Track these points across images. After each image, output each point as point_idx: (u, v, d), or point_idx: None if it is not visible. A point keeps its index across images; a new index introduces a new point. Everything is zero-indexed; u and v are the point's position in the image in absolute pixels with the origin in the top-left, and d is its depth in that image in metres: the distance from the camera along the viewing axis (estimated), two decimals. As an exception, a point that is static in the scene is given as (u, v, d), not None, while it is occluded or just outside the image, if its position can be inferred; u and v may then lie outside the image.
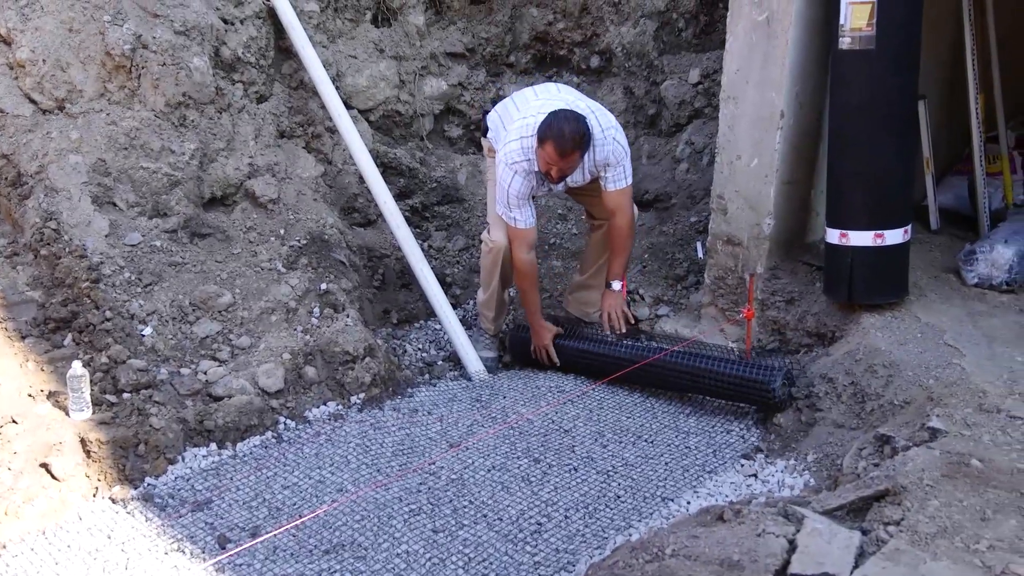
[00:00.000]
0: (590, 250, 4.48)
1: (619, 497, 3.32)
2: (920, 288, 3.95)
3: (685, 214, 4.90)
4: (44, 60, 4.19)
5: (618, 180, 4.11)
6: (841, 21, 3.54)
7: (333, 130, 4.80)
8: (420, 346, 4.67)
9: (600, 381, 4.07)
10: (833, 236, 3.73)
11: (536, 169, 4.00)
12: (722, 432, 3.77)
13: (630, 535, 3.05)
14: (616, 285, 4.23)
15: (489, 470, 3.49)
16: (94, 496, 3.22)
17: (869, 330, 3.68)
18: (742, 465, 3.52)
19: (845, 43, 3.54)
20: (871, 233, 3.64)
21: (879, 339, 3.60)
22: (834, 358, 3.68)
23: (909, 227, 3.71)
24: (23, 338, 3.69)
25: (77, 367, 3.36)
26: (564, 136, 3.81)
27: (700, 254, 4.49)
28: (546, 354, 4.28)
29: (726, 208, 4.12)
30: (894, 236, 3.65)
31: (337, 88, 4.91)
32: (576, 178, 4.13)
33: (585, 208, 4.54)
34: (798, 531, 2.46)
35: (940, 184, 4.75)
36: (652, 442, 3.71)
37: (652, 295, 4.60)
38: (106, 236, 3.98)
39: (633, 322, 4.34)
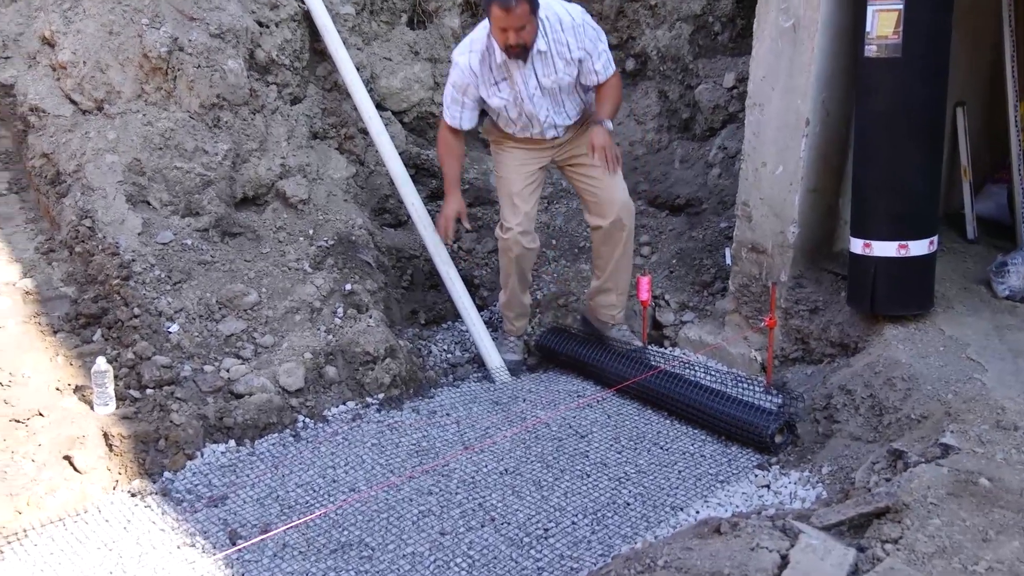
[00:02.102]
0: (596, 253, 4.36)
1: (628, 505, 3.32)
2: (948, 299, 3.87)
3: (715, 220, 4.86)
4: (84, 62, 4.32)
5: (608, 67, 4.03)
6: (867, 28, 3.48)
7: (366, 131, 4.86)
8: (445, 347, 4.70)
9: (614, 388, 4.06)
10: (857, 246, 3.68)
11: (488, 54, 3.92)
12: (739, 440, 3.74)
13: (635, 543, 3.05)
14: (608, 125, 4.01)
15: (501, 474, 3.51)
16: (114, 489, 3.31)
17: (891, 342, 3.62)
18: (755, 475, 3.49)
19: (871, 51, 3.49)
20: (895, 244, 3.58)
21: (900, 351, 3.55)
22: (854, 369, 3.63)
23: (935, 238, 3.64)
24: (55, 332, 3.80)
25: (101, 363, 3.45)
26: None
27: (728, 261, 4.45)
28: (444, 228, 4.25)
29: (751, 215, 4.08)
30: (919, 247, 3.59)
31: (371, 90, 4.98)
32: (554, 69, 3.93)
33: (584, 206, 4.36)
34: (792, 546, 2.44)
35: (979, 193, 4.65)
36: (667, 449, 3.70)
37: (677, 301, 4.58)
38: (139, 234, 4.08)
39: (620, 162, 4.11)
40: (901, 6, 3.38)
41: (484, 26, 3.91)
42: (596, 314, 4.45)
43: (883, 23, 3.43)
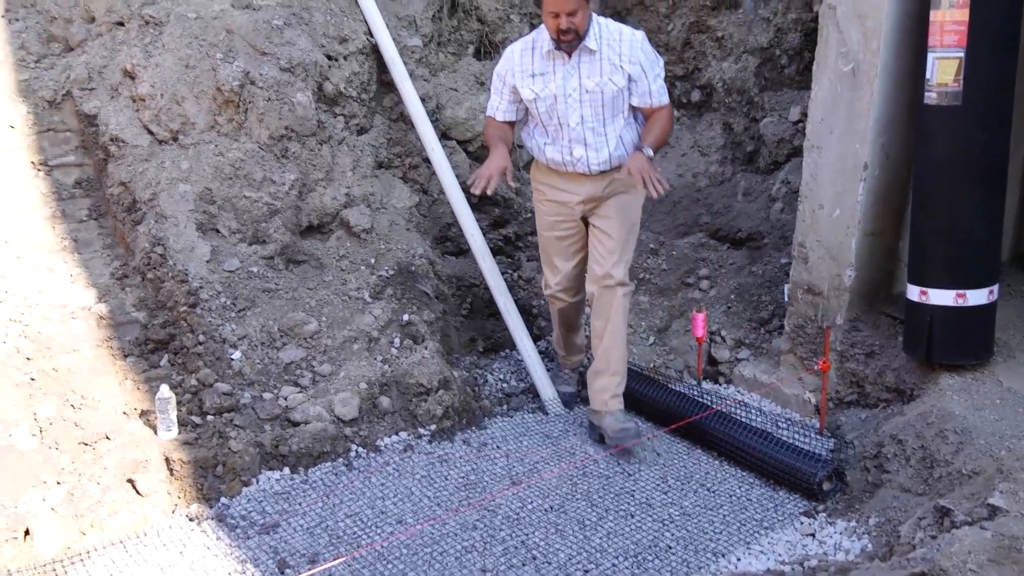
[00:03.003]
0: (592, 331, 4.08)
1: (670, 548, 3.34)
2: (1009, 349, 3.79)
3: (776, 255, 4.83)
4: (162, 94, 4.50)
5: (662, 94, 3.86)
6: (927, 75, 3.44)
7: (430, 160, 4.96)
8: (502, 376, 4.76)
9: (665, 428, 4.06)
10: (913, 292, 3.63)
11: (535, 46, 3.81)
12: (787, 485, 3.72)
13: (672, 590, 3.07)
14: (648, 151, 3.71)
15: (546, 511, 3.55)
16: (172, 513, 3.45)
17: (945, 392, 3.57)
18: (801, 523, 3.47)
19: (931, 98, 3.44)
20: (952, 292, 3.53)
21: (955, 402, 3.49)
22: (907, 418, 3.58)
23: (995, 287, 3.57)
24: (125, 357, 3.97)
25: (164, 390, 3.61)
26: None
27: (785, 298, 4.43)
28: (483, 178, 3.73)
29: (807, 257, 4.05)
30: (977, 296, 3.52)
31: (436, 120, 5.07)
32: (600, 70, 3.74)
33: (587, 273, 4.08)
34: (822, 610, 2.44)
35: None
36: (714, 491, 3.70)
37: (734, 338, 4.56)
38: (207, 261, 4.24)
39: (667, 186, 3.71)
40: (962, 54, 3.33)
41: (541, 26, 3.83)
42: (592, 403, 4.11)
43: (943, 71, 3.38)
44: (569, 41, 3.69)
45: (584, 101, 3.81)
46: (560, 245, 4.13)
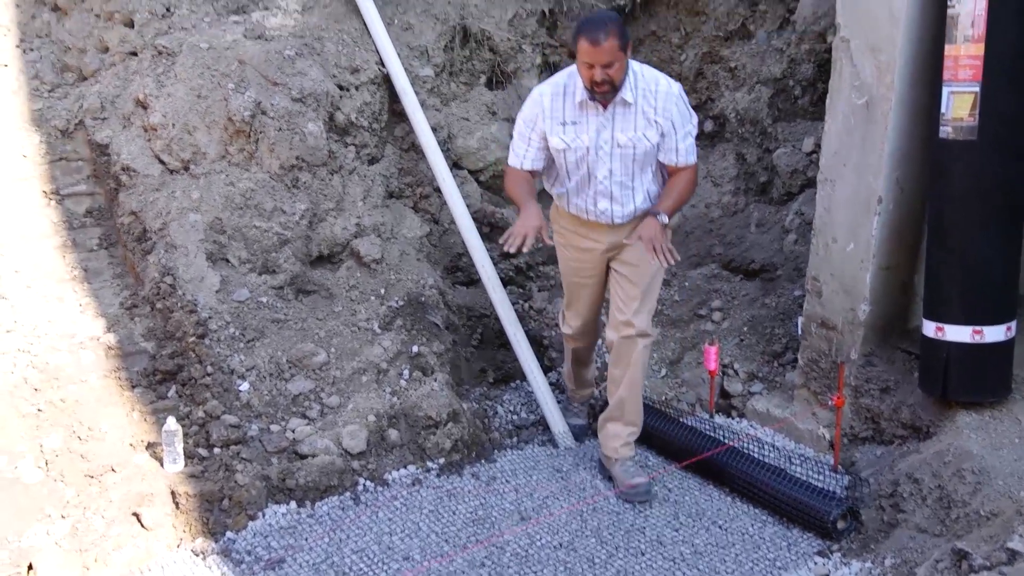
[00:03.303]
0: (609, 377, 3.95)
1: (682, 588, 3.28)
2: (1028, 385, 3.73)
3: (789, 287, 4.78)
4: (173, 124, 4.51)
5: (690, 154, 3.68)
6: (942, 110, 3.40)
7: (440, 190, 4.94)
8: (512, 407, 4.72)
9: (678, 464, 4.01)
10: (929, 328, 3.57)
11: (566, 93, 3.61)
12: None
13: (683, 633, 3.01)
14: (663, 219, 3.57)
15: (556, 548, 3.50)
16: (178, 547, 3.42)
17: (963, 430, 3.50)
18: (815, 563, 3.40)
19: (946, 132, 3.40)
20: (969, 329, 3.47)
21: (972, 441, 3.42)
22: (923, 456, 3.52)
23: (1013, 324, 3.51)
24: (133, 388, 3.96)
25: (171, 423, 3.58)
26: (594, 19, 3.48)
27: (799, 332, 4.38)
28: (517, 236, 3.52)
29: (821, 291, 4.01)
30: (994, 333, 3.47)
31: (448, 150, 5.07)
32: (635, 125, 3.58)
33: (606, 319, 4.01)
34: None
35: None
36: (726, 529, 3.64)
37: (746, 371, 4.51)
38: (216, 292, 4.23)
39: (678, 258, 3.57)
40: (977, 88, 3.29)
41: (569, 69, 3.66)
42: (602, 448, 4.02)
43: (958, 105, 3.35)
44: (604, 93, 3.50)
45: (615, 155, 3.65)
46: (582, 292, 4.02)
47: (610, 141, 3.63)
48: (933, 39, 3.50)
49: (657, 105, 3.59)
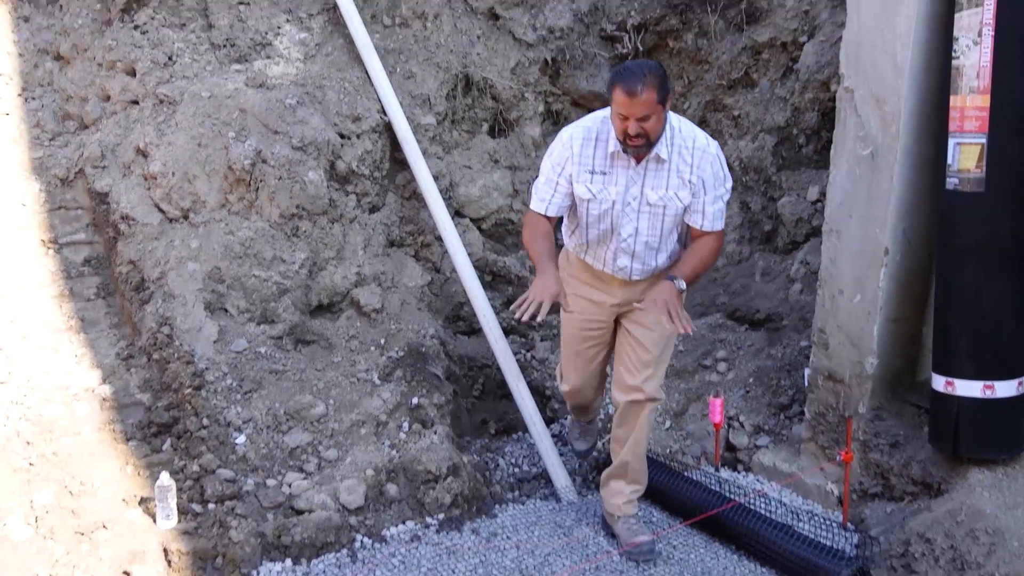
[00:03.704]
0: (613, 436, 3.83)
1: (687, 653, 3.18)
2: (1041, 441, 3.64)
3: (796, 337, 4.71)
4: (173, 172, 4.49)
5: (716, 220, 3.44)
6: (949, 161, 3.35)
7: (442, 238, 4.90)
8: (514, 460, 4.63)
9: (687, 521, 3.91)
10: (939, 383, 3.50)
11: (598, 140, 3.38)
12: (810, 584, 3.56)
13: None
14: (680, 284, 3.31)
15: (557, 609, 3.41)
16: (169, 607, 3.33)
17: (975, 488, 3.41)
18: (825, 626, 3.30)
19: (953, 184, 3.36)
20: (980, 383, 3.39)
21: (985, 500, 3.33)
22: (935, 515, 3.43)
23: (1024, 378, 3.44)
24: (128, 440, 3.89)
25: (164, 478, 3.51)
26: (632, 68, 3.21)
27: (807, 383, 4.30)
28: (532, 304, 3.16)
29: (827, 343, 3.94)
30: (1006, 388, 3.39)
31: (450, 198, 5.04)
32: (667, 184, 3.36)
33: (612, 377, 3.84)
34: None
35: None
36: (733, 590, 3.55)
37: (752, 423, 4.42)
38: (214, 342, 4.17)
39: (694, 328, 3.31)
40: (984, 140, 3.25)
41: (602, 113, 3.43)
42: (605, 504, 3.89)
43: (965, 156, 3.30)
44: (638, 147, 3.27)
45: (643, 213, 3.42)
46: (585, 347, 3.78)
47: (639, 198, 3.40)
48: (938, 90, 3.47)
49: (693, 163, 3.36)
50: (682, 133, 3.38)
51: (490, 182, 5.20)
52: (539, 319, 3.16)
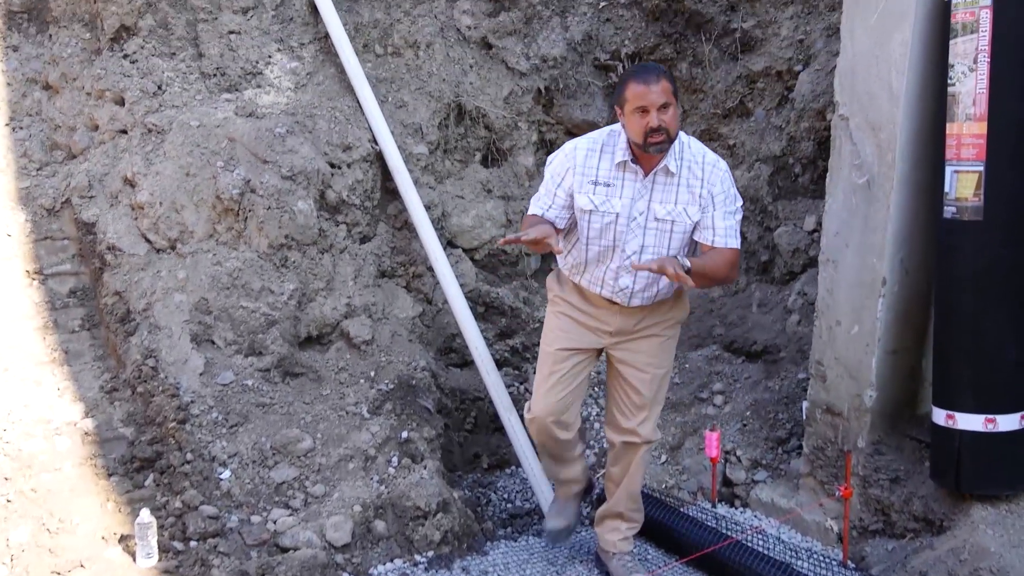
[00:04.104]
0: (607, 475, 3.72)
1: None
2: (1046, 476, 3.55)
3: (794, 369, 4.63)
4: (161, 202, 4.43)
5: (729, 237, 3.26)
6: (946, 189, 3.29)
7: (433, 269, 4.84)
8: (506, 495, 4.54)
9: (683, 559, 3.81)
10: (939, 416, 3.41)
11: (603, 151, 3.26)
12: (809, 625, 3.45)
13: None
14: (684, 262, 3.10)
15: (548, 651, 3.30)
16: (147, 650, 3.23)
17: (978, 525, 3.32)
18: (825, 669, 3.20)
19: (951, 212, 3.29)
20: (981, 417, 3.31)
21: (989, 538, 3.24)
22: (937, 554, 3.33)
23: (1029, 411, 3.36)
24: (109, 476, 3.80)
25: (145, 515, 3.41)
26: (642, 66, 3.33)
27: (805, 416, 4.21)
28: (523, 235, 3.11)
29: (825, 375, 3.86)
30: (1008, 422, 3.30)
31: (442, 228, 4.98)
32: (676, 198, 3.23)
33: (606, 417, 3.68)
34: None
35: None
36: (730, 631, 3.44)
37: (750, 458, 4.33)
38: (200, 375, 4.09)
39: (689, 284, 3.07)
40: (982, 168, 3.19)
41: (610, 127, 3.33)
42: (599, 541, 3.77)
43: (963, 184, 3.24)
44: (659, 143, 3.12)
45: (650, 228, 3.27)
46: (561, 366, 3.50)
47: (646, 212, 3.25)
48: (934, 117, 3.41)
49: (704, 176, 3.25)
50: (691, 148, 3.30)
51: (483, 212, 5.14)
52: (523, 239, 3.08)
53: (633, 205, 3.26)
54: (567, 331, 3.50)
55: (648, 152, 3.18)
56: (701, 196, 3.25)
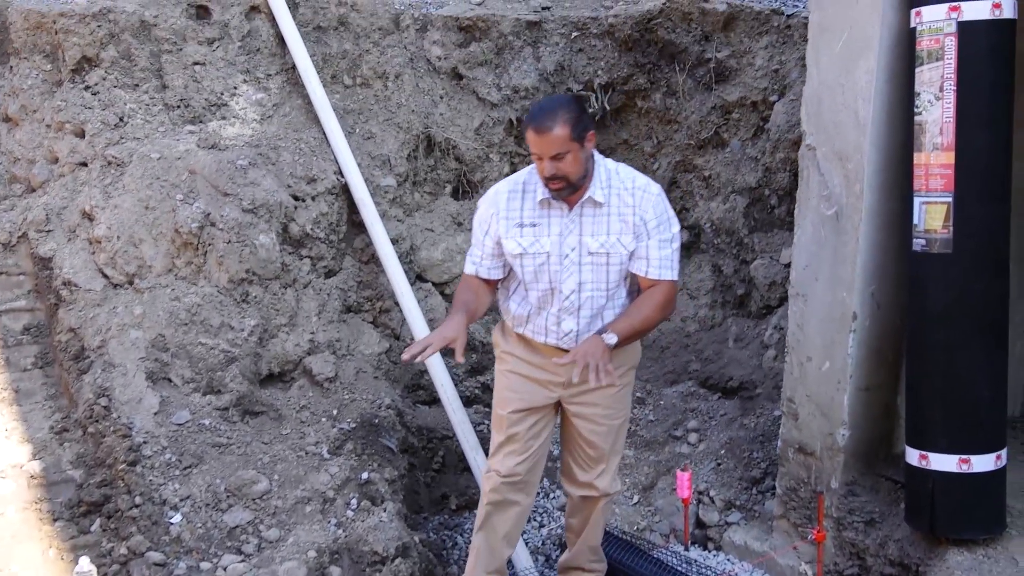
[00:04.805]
0: (567, 525, 3.65)
1: None
2: (1024, 519, 3.41)
3: (770, 406, 4.50)
4: (119, 236, 4.32)
5: (664, 268, 3.13)
6: (915, 221, 3.18)
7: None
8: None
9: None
10: (913, 456, 3.28)
11: (525, 191, 3.16)
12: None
13: None
14: (610, 339, 3.00)
15: None
16: None
17: (954, 571, 3.19)
18: None
19: (920, 244, 3.18)
20: (955, 458, 3.18)
21: (964, 584, 3.10)
22: (912, 601, 3.19)
23: (1003, 452, 3.22)
24: (54, 521, 3.66)
25: (84, 563, 3.23)
26: (544, 105, 3.05)
27: (779, 455, 4.08)
28: (420, 349, 2.99)
29: (797, 413, 3.74)
30: (983, 463, 3.17)
31: (411, 262, 4.87)
32: (607, 228, 3.09)
33: (561, 467, 3.58)
34: None
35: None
36: None
37: (723, 498, 4.19)
38: (155, 414, 3.97)
39: (615, 384, 3.13)
40: (950, 199, 3.08)
41: (530, 167, 3.19)
42: None
43: (931, 216, 3.13)
44: (558, 190, 3.03)
45: (585, 264, 3.12)
46: (519, 440, 3.32)
47: (578, 247, 3.11)
48: (902, 146, 3.31)
49: (634, 203, 3.10)
50: (619, 175, 3.16)
51: (453, 245, 5.03)
52: (419, 360, 3.02)
53: (563, 241, 3.13)
54: (518, 391, 3.33)
55: (557, 199, 3.09)
56: (635, 224, 3.11)
